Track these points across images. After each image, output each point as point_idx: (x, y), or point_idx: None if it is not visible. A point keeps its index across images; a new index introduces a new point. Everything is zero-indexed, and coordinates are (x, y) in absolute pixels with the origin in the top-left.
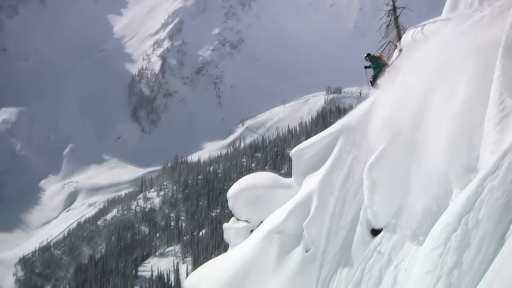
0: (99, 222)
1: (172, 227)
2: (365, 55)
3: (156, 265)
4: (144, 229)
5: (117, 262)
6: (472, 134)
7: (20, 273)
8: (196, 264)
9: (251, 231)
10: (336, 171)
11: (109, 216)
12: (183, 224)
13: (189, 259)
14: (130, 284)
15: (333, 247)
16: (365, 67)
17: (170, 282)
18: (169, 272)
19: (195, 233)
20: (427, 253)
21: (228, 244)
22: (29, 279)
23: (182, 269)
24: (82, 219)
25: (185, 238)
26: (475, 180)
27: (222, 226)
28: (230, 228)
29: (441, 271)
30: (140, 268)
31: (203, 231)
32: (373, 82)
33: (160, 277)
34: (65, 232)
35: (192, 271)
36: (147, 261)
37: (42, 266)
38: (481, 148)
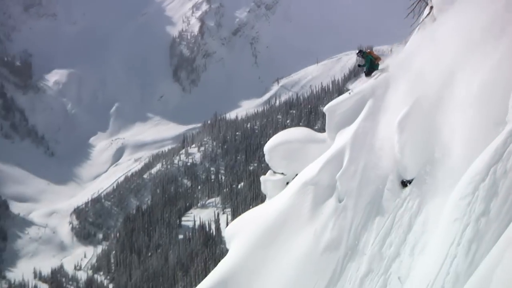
0: (144, 176)
1: (212, 180)
2: (357, 52)
3: (198, 216)
4: (186, 182)
5: (162, 213)
6: (503, 87)
7: (75, 222)
8: (235, 214)
9: (287, 183)
10: (368, 126)
11: (153, 170)
12: (223, 178)
13: (228, 210)
14: (174, 233)
15: (364, 198)
16: (359, 66)
17: (211, 231)
18: (210, 222)
19: (234, 186)
20: (456, 202)
21: (265, 196)
22: (83, 227)
23: (222, 219)
24: (129, 173)
25: (224, 190)
26: (504, 132)
27: (259, 179)
28: (267, 181)
29: (469, 218)
30: (183, 218)
31: (241, 184)
32: (367, 75)
33: (202, 226)
34: (114, 185)
35: (231, 221)
36: (189, 211)
37: (94, 215)
38: (510, 100)
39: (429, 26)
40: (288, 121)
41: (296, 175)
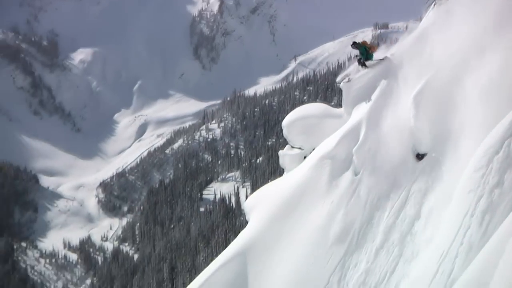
0: (167, 151)
1: (232, 155)
2: (352, 44)
3: (218, 189)
4: (207, 157)
5: (184, 186)
6: None
7: (101, 195)
8: (254, 188)
9: (304, 157)
10: (383, 101)
11: (175, 146)
12: (242, 152)
13: (247, 183)
14: (196, 206)
15: (380, 171)
16: (356, 57)
17: (231, 204)
18: (230, 195)
19: (253, 160)
20: (470, 174)
21: (283, 170)
22: (108, 200)
23: (242, 192)
24: (152, 148)
25: (244, 165)
26: None
27: (277, 153)
28: (285, 155)
29: (483, 190)
30: (204, 192)
31: (260, 158)
32: (363, 65)
33: (223, 199)
34: (138, 159)
35: (250, 194)
36: (210, 185)
37: (119, 189)
38: None
39: (444, 4)
40: (305, 97)
41: (313, 149)
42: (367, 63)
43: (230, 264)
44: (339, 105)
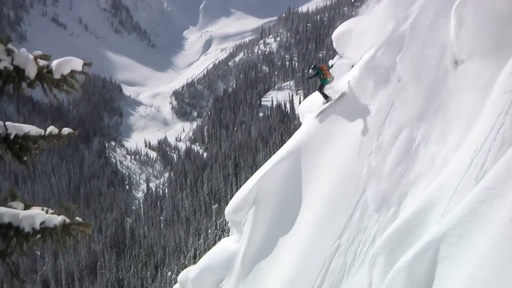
0: (229, 63)
1: (287, 66)
2: (312, 66)
3: (275, 97)
4: (265, 68)
5: (245, 94)
6: None
7: (174, 102)
8: (306, 95)
9: (352, 66)
10: (424, 14)
11: (237, 58)
12: (296, 64)
13: (301, 91)
14: (255, 111)
15: (421, 77)
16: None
17: (286, 110)
18: (285, 102)
19: (305, 71)
20: (506, 76)
21: (333, 78)
22: (180, 106)
23: (296, 99)
24: (217, 61)
25: (297, 75)
26: None
27: (327, 64)
28: (335, 65)
29: None
30: (262, 99)
31: None
32: (321, 92)
33: (279, 105)
34: (204, 71)
35: (303, 101)
36: (268, 93)
37: (189, 97)
38: None
39: None
40: (353, 12)
41: (360, 58)
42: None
43: (285, 160)
44: None
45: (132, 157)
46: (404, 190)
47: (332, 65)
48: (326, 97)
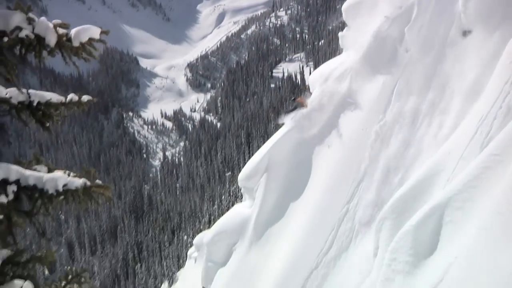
0: (242, 36)
1: (297, 39)
2: (292, 98)
3: (286, 68)
4: (276, 40)
5: (257, 66)
6: None
7: (189, 74)
8: (316, 67)
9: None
10: None
11: (249, 31)
12: (306, 36)
13: (311, 63)
14: (267, 82)
15: (429, 46)
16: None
17: (297, 81)
18: (296, 73)
19: (315, 43)
20: None
21: (342, 50)
22: (195, 78)
23: (306, 71)
24: (229, 34)
25: (308, 47)
26: None
27: (337, 36)
28: (344, 36)
29: None
30: (274, 71)
31: (322, 41)
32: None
33: (290, 77)
34: (218, 44)
35: (313, 71)
36: (279, 65)
37: (203, 69)
38: None
39: None
40: None
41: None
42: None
43: (295, 129)
44: None
45: (149, 127)
46: (410, 158)
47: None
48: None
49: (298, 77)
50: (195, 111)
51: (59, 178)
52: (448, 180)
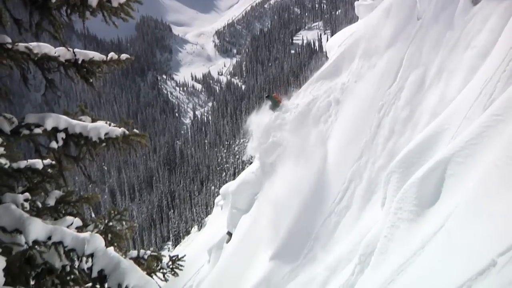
0: (265, 5)
1: (316, 8)
2: (266, 95)
3: (305, 36)
4: (296, 10)
5: (278, 34)
6: None
7: (217, 41)
8: (333, 34)
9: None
10: None
11: (272, 1)
12: (324, 6)
13: (328, 31)
14: (287, 49)
15: (440, 14)
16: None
17: (315, 47)
18: (314, 40)
19: (333, 13)
20: None
21: (357, 18)
22: (222, 44)
23: (324, 38)
24: (254, 3)
25: (325, 16)
26: None
27: (353, 5)
28: (359, 5)
29: None
30: (294, 38)
31: (339, 10)
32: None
33: (308, 44)
34: (243, 13)
35: (330, 38)
36: (299, 33)
37: (229, 36)
38: None
39: None
40: None
41: (383, 0)
42: None
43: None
44: None
45: (181, 88)
46: (418, 117)
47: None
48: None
49: (316, 44)
50: (222, 74)
51: (102, 127)
52: (452, 138)
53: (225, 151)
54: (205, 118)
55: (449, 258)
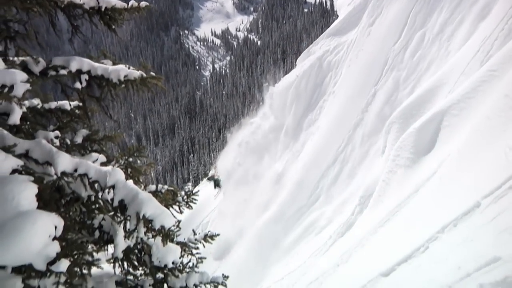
0: None
1: None
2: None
3: None
4: None
5: None
6: None
7: None
8: None
9: None
10: None
11: None
12: None
13: None
14: (301, 7)
15: None
16: None
17: (326, 6)
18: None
19: None
20: None
21: None
22: (240, 2)
23: None
24: None
25: None
26: None
27: None
28: None
29: None
30: None
31: None
32: None
33: (320, 3)
34: None
35: None
36: None
37: None
38: None
39: None
40: None
41: None
42: None
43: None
44: None
45: (201, 43)
46: (418, 73)
47: None
48: None
49: (328, 3)
50: (239, 30)
51: (121, 70)
52: (450, 92)
53: (241, 101)
54: (223, 71)
55: (439, 201)
